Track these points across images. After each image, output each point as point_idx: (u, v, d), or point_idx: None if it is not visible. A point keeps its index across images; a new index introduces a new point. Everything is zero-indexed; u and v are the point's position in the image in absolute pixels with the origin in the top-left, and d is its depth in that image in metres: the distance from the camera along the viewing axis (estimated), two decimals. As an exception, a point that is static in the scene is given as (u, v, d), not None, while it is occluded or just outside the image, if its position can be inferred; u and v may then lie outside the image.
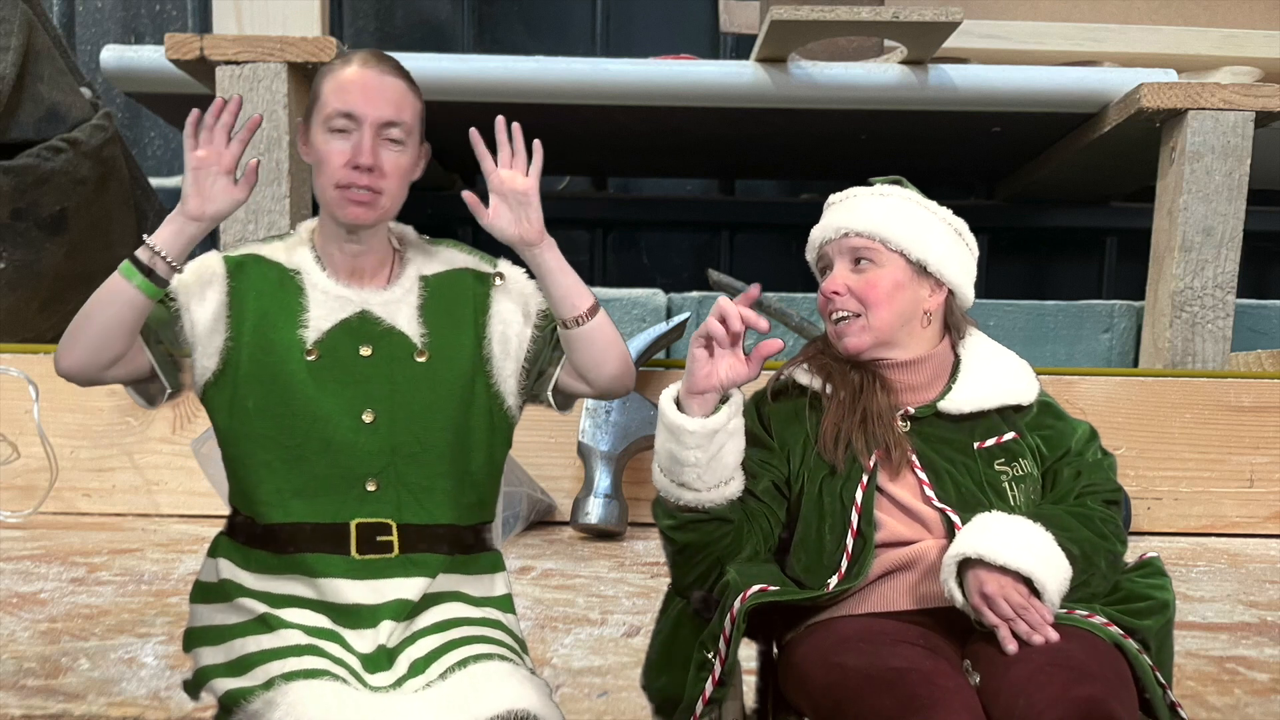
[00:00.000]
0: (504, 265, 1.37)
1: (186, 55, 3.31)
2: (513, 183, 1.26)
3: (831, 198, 1.49)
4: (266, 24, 3.84)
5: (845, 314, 1.40)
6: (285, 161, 3.33)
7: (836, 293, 1.40)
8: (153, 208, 4.03)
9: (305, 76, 3.38)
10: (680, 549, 1.34)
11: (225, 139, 1.24)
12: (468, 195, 1.27)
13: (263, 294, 1.28)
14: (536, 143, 1.28)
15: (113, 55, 3.67)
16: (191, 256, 1.28)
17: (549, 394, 1.35)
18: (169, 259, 1.21)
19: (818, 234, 1.46)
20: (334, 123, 1.26)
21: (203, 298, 1.27)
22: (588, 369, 1.32)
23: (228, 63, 3.30)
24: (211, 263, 1.30)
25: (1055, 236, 5.27)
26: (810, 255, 1.49)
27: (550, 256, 1.28)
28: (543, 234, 1.28)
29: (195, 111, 1.24)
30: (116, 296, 1.21)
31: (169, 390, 1.30)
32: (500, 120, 1.27)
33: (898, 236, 1.40)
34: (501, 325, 1.33)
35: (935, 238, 1.43)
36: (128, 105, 5.01)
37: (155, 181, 4.53)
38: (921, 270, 1.41)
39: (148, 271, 1.21)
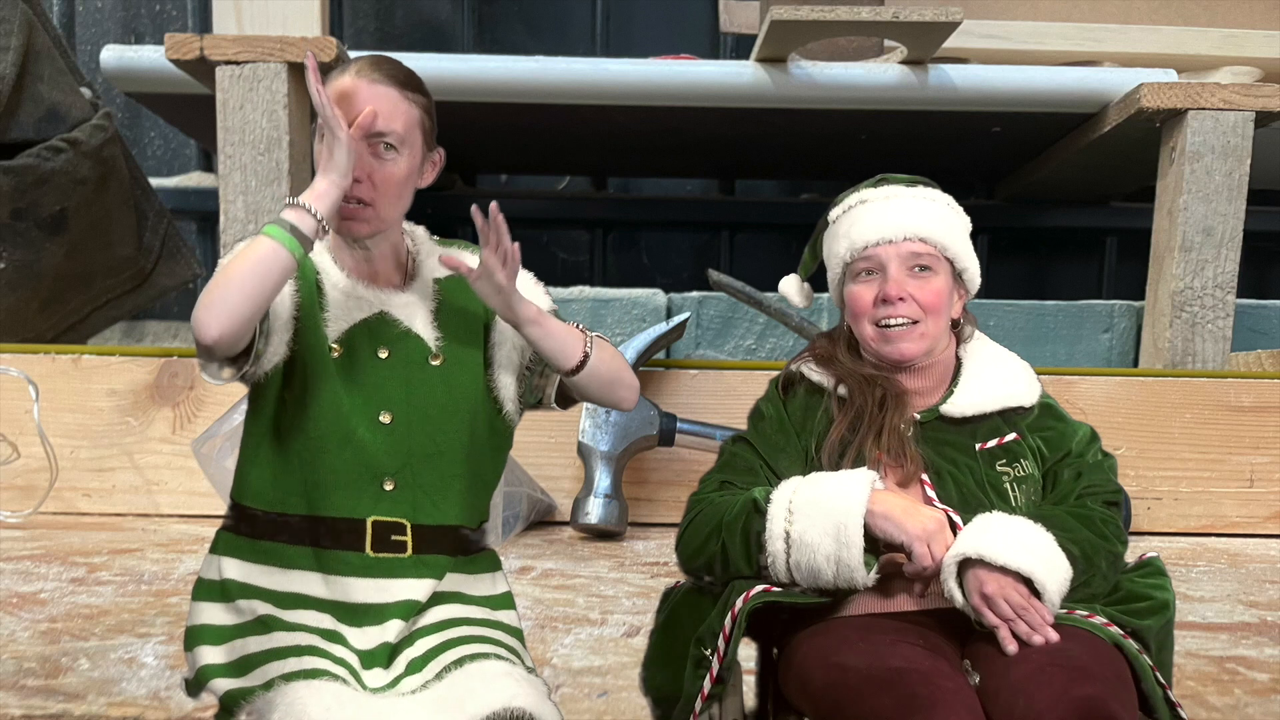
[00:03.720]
0: None
1: (186, 55, 3.30)
2: (494, 277, 1.24)
3: (865, 194, 1.44)
4: (266, 24, 3.84)
5: (903, 321, 1.38)
6: (285, 162, 3.32)
7: (901, 299, 1.37)
8: (153, 208, 4.02)
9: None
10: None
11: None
12: (446, 259, 1.26)
13: (300, 289, 1.28)
14: (515, 246, 1.24)
15: (113, 55, 3.67)
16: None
17: (552, 402, 1.36)
18: (325, 223, 1.19)
19: (871, 234, 1.39)
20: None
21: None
22: (595, 400, 1.35)
23: (228, 63, 3.30)
24: None
25: (1055, 236, 5.27)
26: (847, 252, 1.42)
27: (531, 330, 1.27)
28: (520, 319, 1.26)
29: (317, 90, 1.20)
30: (270, 262, 1.16)
31: (246, 369, 1.23)
32: (494, 206, 1.24)
33: (954, 245, 1.40)
34: (501, 330, 1.33)
35: (969, 245, 1.44)
36: (128, 105, 5.01)
37: (155, 181, 4.52)
38: (957, 277, 1.43)
39: (296, 233, 1.17)
